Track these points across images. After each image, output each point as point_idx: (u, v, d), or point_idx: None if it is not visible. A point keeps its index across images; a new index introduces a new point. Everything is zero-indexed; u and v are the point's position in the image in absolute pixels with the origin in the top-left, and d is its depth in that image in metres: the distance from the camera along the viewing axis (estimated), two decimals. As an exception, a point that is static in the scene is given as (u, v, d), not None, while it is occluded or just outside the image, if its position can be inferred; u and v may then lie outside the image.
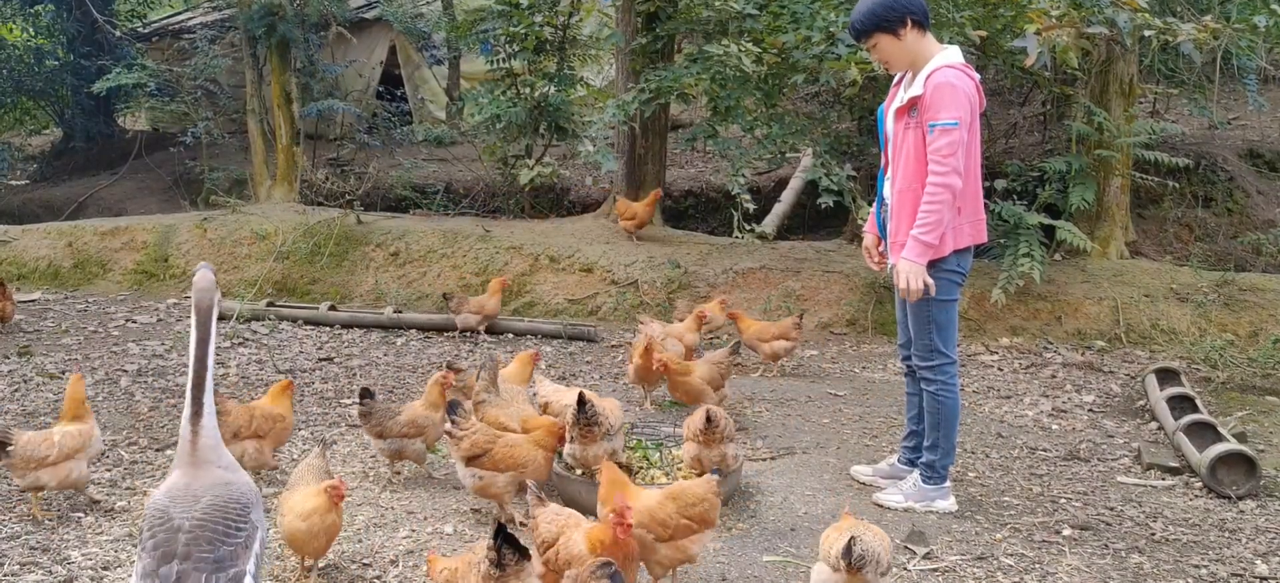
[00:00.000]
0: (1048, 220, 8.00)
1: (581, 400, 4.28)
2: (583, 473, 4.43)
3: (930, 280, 4.18)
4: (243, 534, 2.78)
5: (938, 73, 4.12)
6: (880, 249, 4.68)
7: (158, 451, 5.18)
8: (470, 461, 4.15)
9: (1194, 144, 10.24)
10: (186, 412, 2.86)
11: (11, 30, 14.75)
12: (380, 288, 9.19)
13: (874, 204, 4.69)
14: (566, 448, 4.40)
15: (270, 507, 4.19)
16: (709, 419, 4.30)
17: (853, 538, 3.16)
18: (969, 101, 4.11)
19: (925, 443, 4.49)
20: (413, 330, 8.21)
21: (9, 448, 4.11)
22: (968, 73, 4.20)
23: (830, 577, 3.24)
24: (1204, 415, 5.41)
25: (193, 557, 2.66)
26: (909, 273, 4.16)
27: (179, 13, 17.88)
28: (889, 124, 4.41)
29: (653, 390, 6.05)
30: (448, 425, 4.23)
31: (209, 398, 2.87)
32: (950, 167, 4.05)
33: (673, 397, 5.75)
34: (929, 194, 4.10)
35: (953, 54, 4.23)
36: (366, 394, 4.71)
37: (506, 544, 3.01)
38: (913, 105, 4.20)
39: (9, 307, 7.97)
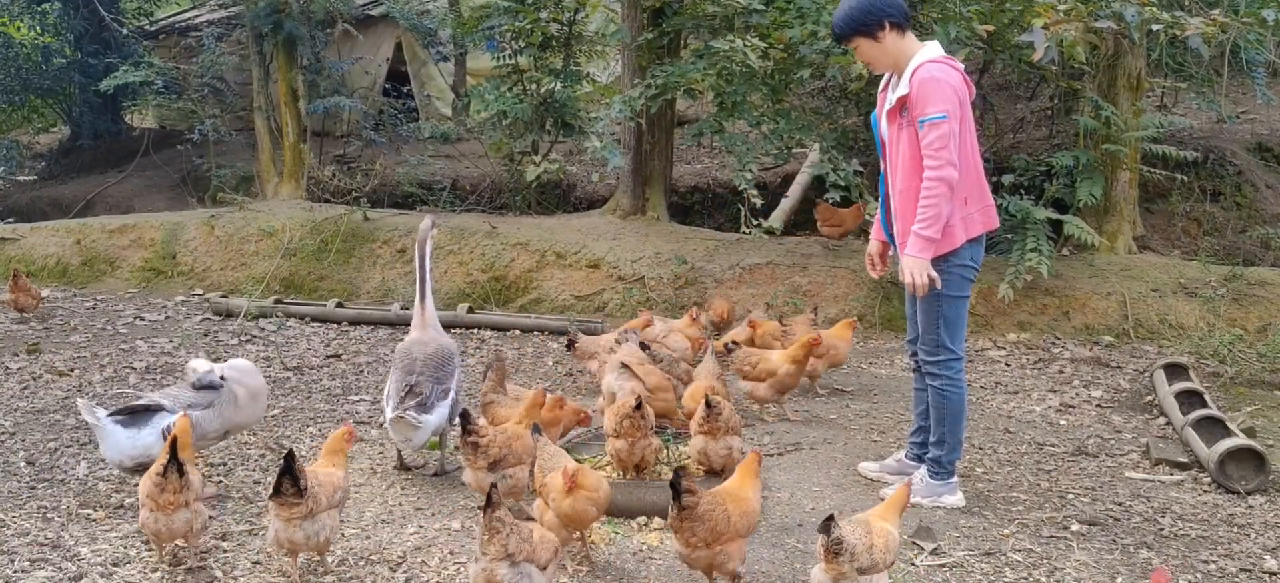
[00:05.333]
0: (1055, 215, 7.97)
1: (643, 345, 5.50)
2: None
3: (935, 274, 4.20)
4: (450, 369, 4.81)
5: (921, 69, 4.16)
6: (889, 255, 4.71)
7: (166, 447, 5.19)
8: (495, 466, 4.10)
9: (1202, 138, 10.20)
10: (417, 299, 4.98)
11: (19, 28, 14.79)
12: (387, 285, 9.20)
13: (878, 211, 4.70)
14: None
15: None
16: (709, 404, 4.28)
17: (832, 517, 3.13)
18: (955, 92, 4.13)
19: (932, 439, 4.49)
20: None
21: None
22: (950, 64, 4.23)
23: (817, 571, 3.23)
24: (1213, 410, 5.39)
25: (426, 374, 4.66)
26: (913, 268, 4.19)
27: (186, 10, 17.91)
28: (883, 128, 4.46)
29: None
30: (466, 437, 4.12)
31: (429, 289, 4.98)
32: (944, 159, 4.08)
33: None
34: (926, 189, 4.13)
35: (933, 48, 4.27)
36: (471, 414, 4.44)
37: (288, 477, 3.44)
38: (902, 105, 4.24)
39: (24, 297, 8.04)
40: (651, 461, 4.44)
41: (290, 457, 3.48)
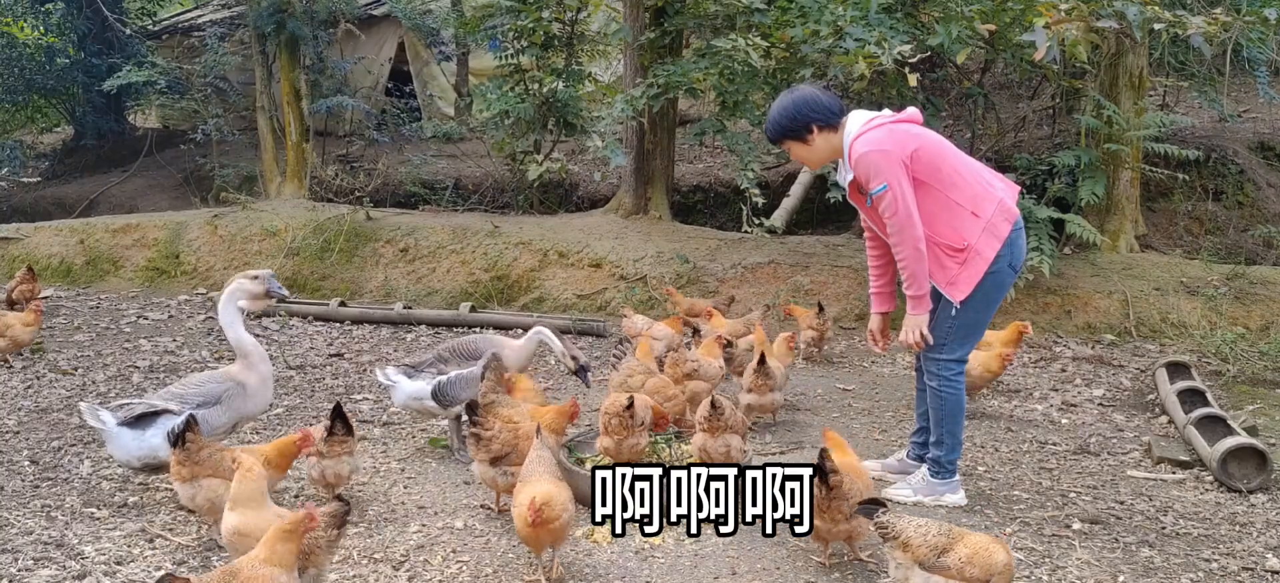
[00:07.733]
0: (1057, 214, 7.97)
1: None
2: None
3: (928, 332, 4.31)
4: (464, 358, 5.08)
5: (854, 149, 4.24)
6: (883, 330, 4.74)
7: (170, 446, 5.20)
8: (496, 461, 4.13)
9: (1204, 137, 10.20)
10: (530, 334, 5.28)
11: (22, 28, 14.81)
12: (390, 284, 9.22)
13: (870, 283, 4.78)
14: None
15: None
16: (714, 405, 4.32)
17: (826, 454, 3.62)
18: (890, 155, 4.16)
19: (931, 438, 4.51)
20: (422, 326, 8.24)
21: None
22: (874, 126, 4.26)
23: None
24: (1215, 409, 5.39)
25: (437, 351, 5.18)
26: (909, 326, 4.35)
27: (189, 10, 17.94)
28: (857, 207, 4.57)
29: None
30: (472, 428, 4.17)
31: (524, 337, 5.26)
32: (899, 223, 4.17)
33: None
34: (896, 253, 4.28)
35: (856, 121, 4.31)
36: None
37: (339, 420, 4.19)
38: (857, 186, 4.34)
39: (36, 287, 8.15)
40: (640, 459, 4.41)
41: (339, 406, 4.24)
